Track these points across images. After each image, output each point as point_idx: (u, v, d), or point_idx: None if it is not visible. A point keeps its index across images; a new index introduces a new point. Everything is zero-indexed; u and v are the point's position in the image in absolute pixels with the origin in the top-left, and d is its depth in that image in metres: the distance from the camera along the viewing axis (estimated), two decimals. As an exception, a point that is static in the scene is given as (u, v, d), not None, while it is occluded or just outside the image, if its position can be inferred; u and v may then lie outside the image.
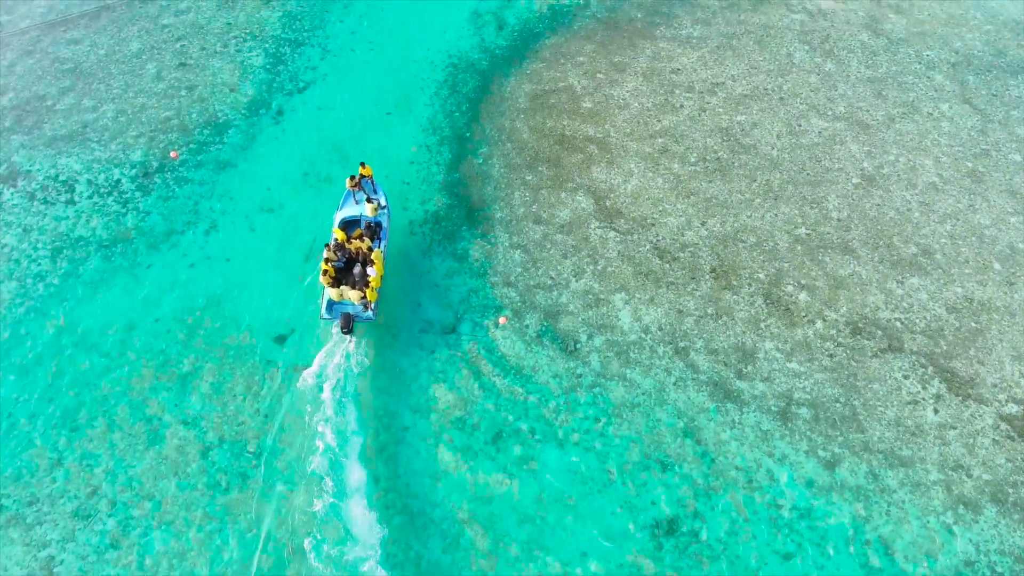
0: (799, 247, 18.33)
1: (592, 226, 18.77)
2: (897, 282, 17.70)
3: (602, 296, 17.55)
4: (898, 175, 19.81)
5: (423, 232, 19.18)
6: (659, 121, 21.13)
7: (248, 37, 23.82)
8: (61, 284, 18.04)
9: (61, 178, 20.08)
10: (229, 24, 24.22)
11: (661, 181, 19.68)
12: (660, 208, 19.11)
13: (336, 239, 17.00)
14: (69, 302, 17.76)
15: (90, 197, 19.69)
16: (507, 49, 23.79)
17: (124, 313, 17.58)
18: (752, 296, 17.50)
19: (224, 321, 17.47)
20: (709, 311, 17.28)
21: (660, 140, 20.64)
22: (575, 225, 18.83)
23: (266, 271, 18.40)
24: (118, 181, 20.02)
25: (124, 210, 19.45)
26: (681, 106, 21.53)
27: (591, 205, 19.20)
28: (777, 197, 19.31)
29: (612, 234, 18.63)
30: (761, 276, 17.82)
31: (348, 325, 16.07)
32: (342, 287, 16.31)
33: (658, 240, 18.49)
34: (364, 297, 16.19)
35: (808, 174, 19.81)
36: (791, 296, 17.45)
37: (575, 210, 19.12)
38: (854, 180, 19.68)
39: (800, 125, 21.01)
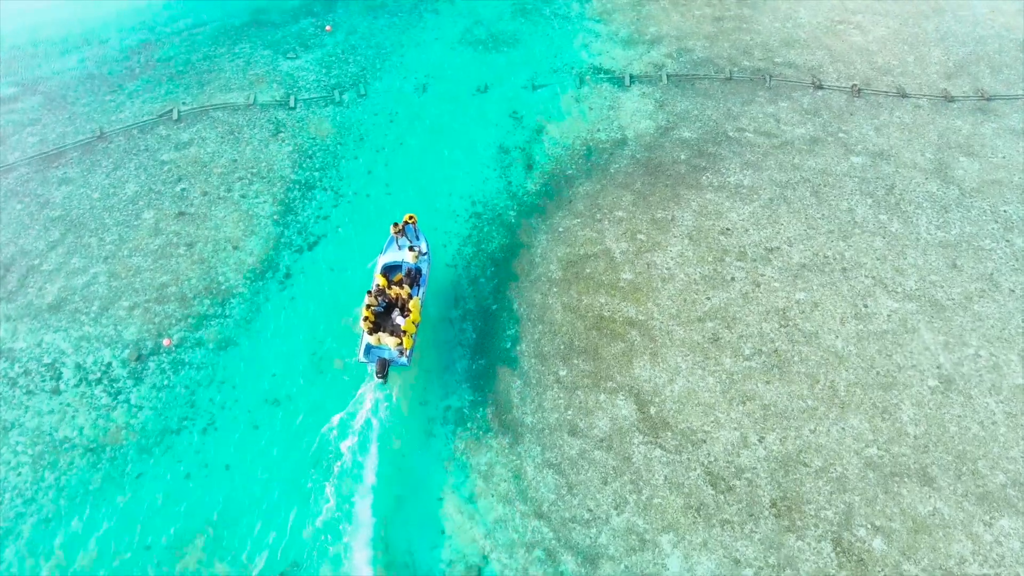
0: (871, 474, 16.14)
1: (635, 441, 16.66)
2: (985, 524, 15.49)
3: (647, 537, 15.46)
4: (979, 375, 17.56)
5: (444, 434, 17.16)
6: (708, 299, 18.93)
7: (254, 178, 21.79)
8: (41, 500, 16.16)
9: (46, 360, 18.21)
10: (234, 161, 22.20)
11: (712, 381, 17.52)
12: (712, 418, 16.97)
13: (378, 284, 17.97)
14: (52, 524, 15.89)
15: (77, 385, 17.80)
16: (536, 196, 21.63)
17: (110, 539, 15.67)
18: (819, 541, 15.35)
19: (221, 554, 15.53)
20: (770, 561, 15.15)
21: (710, 324, 18.46)
22: (615, 439, 16.73)
23: (269, 485, 16.46)
24: (108, 365, 18.11)
25: (114, 403, 17.55)
26: (732, 279, 19.32)
27: (633, 412, 17.09)
28: (844, 405, 17.11)
29: (658, 452, 16.52)
30: (829, 514, 15.67)
31: (383, 370, 16.95)
32: (380, 333, 17.07)
33: (710, 462, 16.36)
34: (400, 344, 16.92)
35: (878, 373, 17.59)
36: (864, 543, 15.29)
37: (615, 419, 17.01)
38: (930, 382, 17.44)
39: (867, 306, 18.76)
